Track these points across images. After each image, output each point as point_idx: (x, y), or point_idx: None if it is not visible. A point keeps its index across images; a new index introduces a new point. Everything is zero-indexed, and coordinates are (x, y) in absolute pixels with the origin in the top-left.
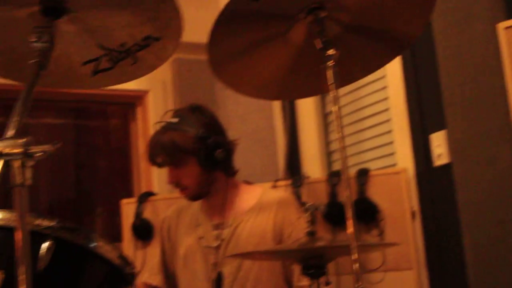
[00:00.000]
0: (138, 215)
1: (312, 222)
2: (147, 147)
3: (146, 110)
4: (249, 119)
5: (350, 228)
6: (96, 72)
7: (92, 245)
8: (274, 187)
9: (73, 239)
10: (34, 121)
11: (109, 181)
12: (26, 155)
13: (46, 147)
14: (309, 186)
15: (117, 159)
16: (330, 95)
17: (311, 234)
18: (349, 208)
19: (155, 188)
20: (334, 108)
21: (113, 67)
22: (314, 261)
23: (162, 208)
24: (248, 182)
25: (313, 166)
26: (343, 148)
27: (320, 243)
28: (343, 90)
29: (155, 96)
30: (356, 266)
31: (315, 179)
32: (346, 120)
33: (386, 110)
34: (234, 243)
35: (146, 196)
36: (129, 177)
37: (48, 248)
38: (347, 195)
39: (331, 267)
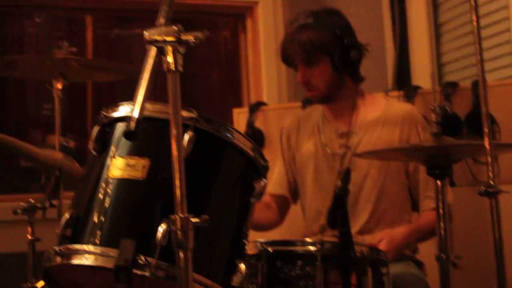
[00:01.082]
0: (250, 124)
1: (439, 123)
2: (281, 46)
3: (255, 21)
4: (358, 31)
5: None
6: None
7: (229, 135)
8: None
9: (212, 130)
10: (128, 31)
11: (219, 92)
12: (178, 41)
13: (197, 34)
14: (422, 96)
15: (227, 70)
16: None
17: (437, 134)
18: (485, 117)
19: (265, 99)
20: (473, 17)
21: None
22: (440, 161)
23: (272, 117)
24: None
25: (423, 78)
26: (481, 56)
27: (448, 142)
28: None
29: (264, 7)
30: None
31: (428, 89)
32: (462, 30)
33: (506, 19)
34: (360, 151)
35: (257, 106)
36: (239, 88)
37: (190, 138)
38: (484, 109)
39: None
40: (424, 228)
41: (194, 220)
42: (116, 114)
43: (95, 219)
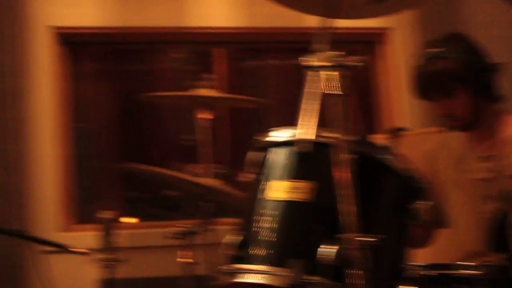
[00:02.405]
0: None
1: None
2: (416, 81)
3: (387, 48)
4: (494, 52)
5: None
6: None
7: (389, 158)
8: None
9: (372, 153)
10: (262, 62)
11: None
12: (343, 66)
13: (358, 59)
14: None
15: (360, 97)
16: None
17: None
18: None
19: (405, 124)
20: None
21: None
22: None
23: (413, 143)
24: None
25: None
26: None
27: None
28: None
29: (396, 34)
30: None
31: None
32: None
33: None
34: (506, 173)
35: (397, 131)
36: (371, 115)
37: (352, 161)
38: None
39: None
40: None
41: (368, 239)
42: (269, 139)
43: (262, 240)
